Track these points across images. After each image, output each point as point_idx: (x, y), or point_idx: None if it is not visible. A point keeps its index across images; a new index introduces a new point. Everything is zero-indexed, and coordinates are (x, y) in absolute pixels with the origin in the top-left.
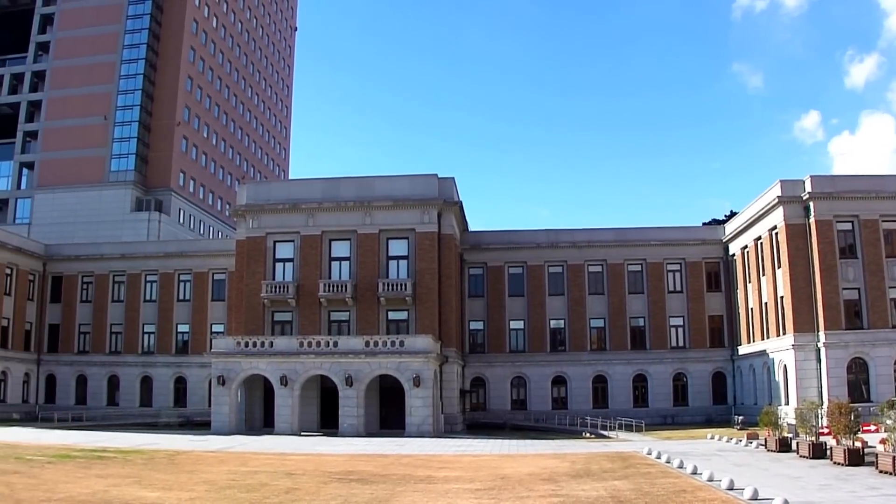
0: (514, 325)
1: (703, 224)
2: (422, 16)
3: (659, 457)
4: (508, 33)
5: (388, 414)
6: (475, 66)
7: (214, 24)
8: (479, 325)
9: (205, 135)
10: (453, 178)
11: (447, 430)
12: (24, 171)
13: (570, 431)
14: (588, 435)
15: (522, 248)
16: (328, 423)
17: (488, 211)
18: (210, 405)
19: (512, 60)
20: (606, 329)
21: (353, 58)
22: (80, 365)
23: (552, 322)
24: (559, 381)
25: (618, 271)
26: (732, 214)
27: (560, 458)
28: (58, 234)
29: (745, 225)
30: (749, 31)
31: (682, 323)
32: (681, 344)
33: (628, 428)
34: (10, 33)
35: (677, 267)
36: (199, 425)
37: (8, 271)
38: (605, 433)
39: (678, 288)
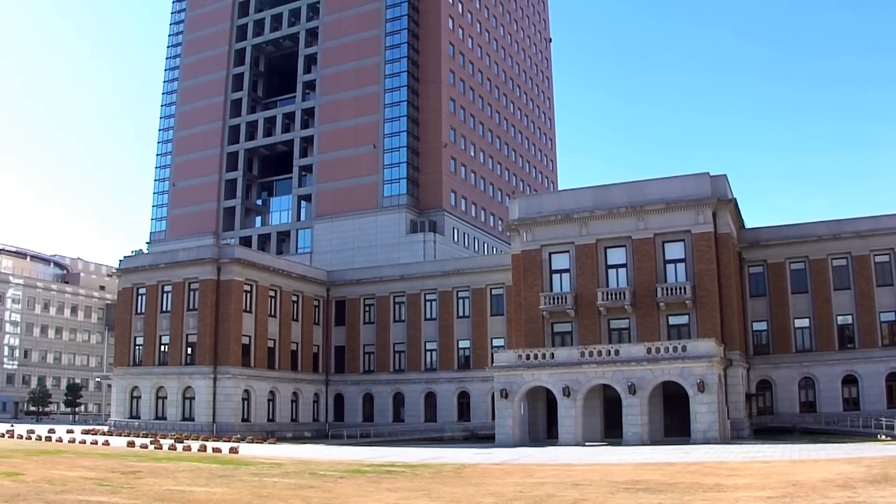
0: (798, 323)
1: None
2: (667, 15)
3: None
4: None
5: (671, 421)
6: (732, 64)
7: (470, 45)
8: (762, 326)
9: (472, 153)
10: (725, 176)
11: (733, 435)
12: (303, 203)
13: (863, 434)
14: (883, 437)
15: (803, 243)
16: (611, 432)
17: (764, 206)
18: (493, 418)
19: (779, 55)
20: None
21: (609, 60)
22: (366, 384)
23: (839, 318)
24: (849, 380)
25: None
26: None
27: (855, 462)
28: (337, 260)
29: None
30: None
31: None
32: None
33: None
34: (278, 77)
35: None
36: (482, 438)
37: (294, 298)
38: None
39: None
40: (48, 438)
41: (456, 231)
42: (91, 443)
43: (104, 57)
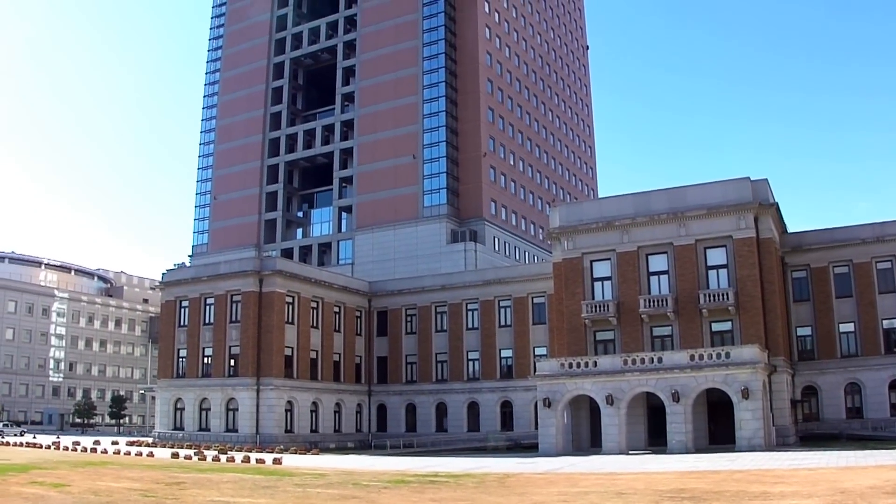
0: (843, 328)
1: None
2: (705, 24)
3: None
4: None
5: (716, 428)
6: (769, 74)
7: (507, 54)
8: (806, 331)
9: (511, 162)
10: (766, 180)
11: (779, 442)
12: (343, 214)
13: None
14: None
15: (846, 246)
16: (655, 440)
17: (806, 211)
18: (536, 427)
19: (812, 64)
20: None
21: (646, 68)
22: (408, 394)
23: (884, 322)
24: None
25: None
26: None
27: None
28: (379, 270)
29: None
30: None
31: None
32: None
33: None
34: (316, 89)
35: None
36: (526, 448)
37: (336, 309)
38: None
39: None
40: (93, 450)
41: (497, 240)
42: (136, 454)
43: (144, 73)
